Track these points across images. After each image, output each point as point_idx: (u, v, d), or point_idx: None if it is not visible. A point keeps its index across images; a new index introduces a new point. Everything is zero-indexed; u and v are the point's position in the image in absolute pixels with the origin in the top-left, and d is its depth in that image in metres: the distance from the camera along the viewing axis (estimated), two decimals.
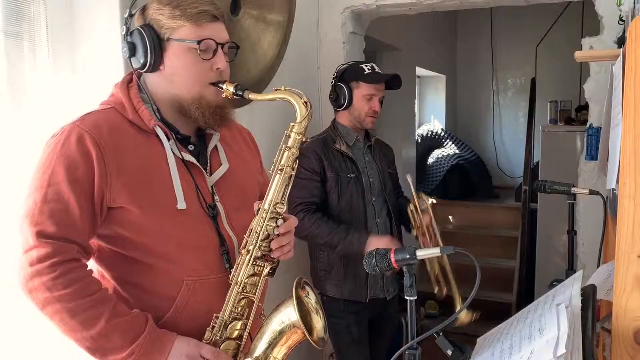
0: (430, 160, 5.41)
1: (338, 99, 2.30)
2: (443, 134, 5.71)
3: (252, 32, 2.21)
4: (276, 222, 1.32)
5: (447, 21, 5.89)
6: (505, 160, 6.10)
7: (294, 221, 1.37)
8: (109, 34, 1.69)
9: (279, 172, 1.33)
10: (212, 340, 1.30)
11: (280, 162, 1.33)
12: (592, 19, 2.61)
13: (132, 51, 1.30)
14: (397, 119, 4.43)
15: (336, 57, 2.87)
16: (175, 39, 1.28)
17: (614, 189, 1.42)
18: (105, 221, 1.25)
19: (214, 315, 1.30)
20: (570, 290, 1.03)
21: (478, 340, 1.18)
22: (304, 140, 1.33)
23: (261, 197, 1.38)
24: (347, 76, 2.28)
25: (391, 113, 4.26)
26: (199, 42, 1.28)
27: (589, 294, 1.03)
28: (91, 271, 1.25)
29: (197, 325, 1.30)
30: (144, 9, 1.32)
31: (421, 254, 1.12)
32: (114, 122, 1.28)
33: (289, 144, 1.33)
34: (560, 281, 1.36)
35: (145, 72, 1.32)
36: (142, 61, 1.30)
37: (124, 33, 1.33)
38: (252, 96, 1.32)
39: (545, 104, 4.70)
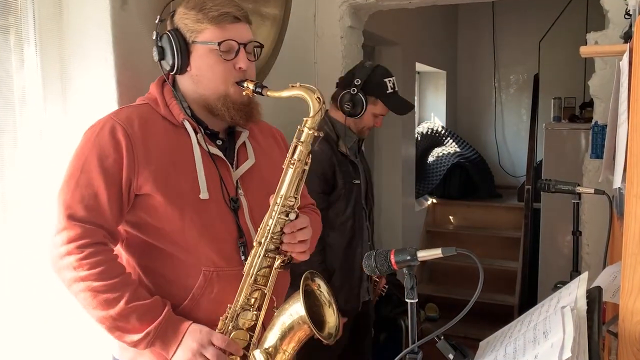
0: (430, 159, 5.41)
1: (355, 109, 2.23)
2: (443, 131, 5.71)
3: None
4: (287, 215, 1.39)
5: (448, 15, 5.89)
6: (507, 159, 6.11)
7: (300, 222, 1.41)
8: (98, 27, 1.68)
9: (291, 166, 1.39)
10: (225, 329, 1.38)
11: (293, 156, 1.39)
12: (597, 13, 2.61)
13: (161, 54, 1.44)
14: (395, 116, 4.41)
15: (333, 52, 2.87)
16: (199, 41, 1.40)
17: (620, 188, 1.42)
18: (132, 208, 1.37)
19: (227, 305, 1.38)
20: (575, 292, 1.03)
21: (480, 343, 1.18)
22: (316, 134, 1.39)
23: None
24: (369, 88, 2.23)
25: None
26: (220, 43, 1.38)
27: (594, 296, 1.04)
28: (116, 255, 1.37)
29: (212, 315, 1.39)
30: (172, 15, 1.45)
31: (422, 254, 1.12)
32: (146, 115, 1.41)
33: (302, 139, 1.39)
34: (564, 283, 1.37)
35: (174, 74, 1.44)
36: (170, 63, 1.42)
37: (154, 37, 1.45)
38: (269, 93, 1.40)
39: (549, 100, 4.71)
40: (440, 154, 5.46)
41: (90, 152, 1.34)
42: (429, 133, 5.55)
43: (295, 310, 1.35)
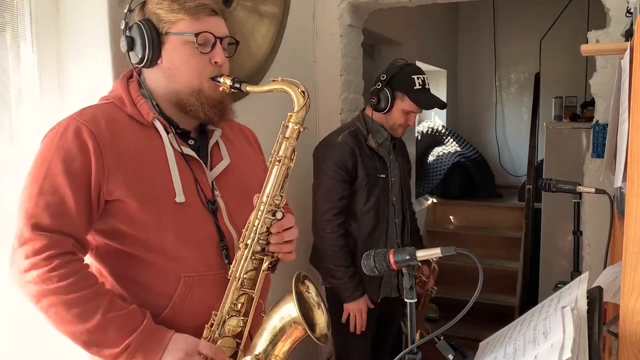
0: (431, 158, 5.41)
1: (379, 104, 2.28)
2: (443, 130, 5.71)
3: (246, 24, 2.21)
4: (274, 215, 1.34)
5: (448, 14, 5.89)
6: (507, 158, 6.11)
7: (287, 221, 1.37)
8: (95, 25, 1.68)
9: (276, 163, 1.34)
10: (210, 337, 1.31)
11: (278, 152, 1.34)
12: (599, 11, 2.61)
13: (131, 45, 1.35)
14: None
15: (333, 51, 2.87)
16: (173, 32, 1.33)
17: (620, 187, 1.42)
18: (102, 215, 1.28)
19: (213, 312, 1.32)
20: (576, 293, 1.03)
21: (480, 344, 1.18)
22: (302, 130, 1.35)
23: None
24: (395, 83, 2.26)
25: None
26: (197, 35, 1.32)
27: (595, 296, 1.04)
28: (87, 265, 1.28)
29: (195, 323, 1.32)
30: (143, 4, 1.37)
31: (421, 254, 1.12)
32: (113, 115, 1.32)
33: (287, 134, 1.34)
34: (565, 283, 1.37)
35: (143, 66, 1.36)
36: (140, 55, 1.34)
37: (122, 27, 1.38)
38: (249, 88, 1.35)
39: (550, 99, 4.71)
40: (441, 154, 5.46)
41: (53, 156, 1.24)
42: (429, 132, 5.55)
43: (287, 312, 1.31)
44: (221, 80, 1.35)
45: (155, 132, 1.34)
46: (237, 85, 1.34)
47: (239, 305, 1.33)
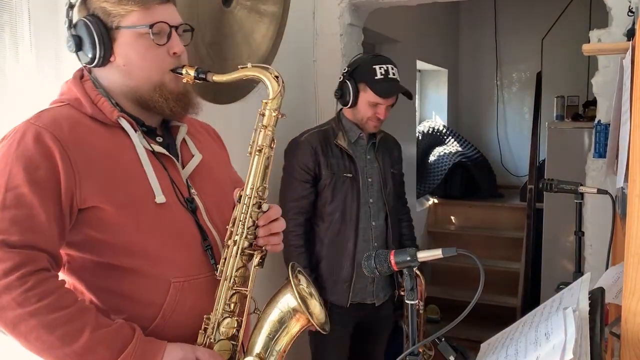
0: (431, 158, 5.42)
1: (343, 97, 2.25)
2: (444, 130, 5.72)
3: (245, 24, 2.21)
4: (260, 207, 1.30)
5: (449, 12, 5.89)
6: (509, 158, 6.11)
7: (274, 212, 1.33)
8: None
9: (257, 154, 1.29)
10: (206, 343, 1.27)
11: (257, 142, 1.30)
12: (601, 10, 2.61)
13: (79, 45, 1.26)
14: (396, 114, 4.39)
15: (333, 50, 2.87)
16: (125, 26, 1.24)
17: (622, 188, 1.42)
18: (75, 225, 1.19)
19: (205, 316, 1.27)
20: (578, 294, 1.03)
21: (481, 345, 1.19)
22: (280, 116, 1.31)
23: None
24: (357, 75, 2.22)
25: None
26: (151, 27, 1.23)
27: (596, 297, 1.04)
28: (64, 281, 1.19)
29: (187, 332, 1.26)
30: None
31: (422, 255, 1.12)
32: (73, 117, 1.22)
33: (264, 122, 1.30)
34: (567, 284, 1.37)
35: (95, 66, 1.27)
36: (90, 55, 1.25)
37: (66, 26, 1.28)
38: (215, 77, 1.29)
39: (552, 99, 4.71)
40: (442, 153, 5.46)
41: (13, 165, 1.12)
42: (430, 132, 5.55)
43: (285, 303, 1.29)
44: (183, 71, 1.28)
45: (121, 132, 1.25)
46: (203, 76, 1.28)
47: (232, 306, 1.28)
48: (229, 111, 2.18)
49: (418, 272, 2.25)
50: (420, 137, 5.30)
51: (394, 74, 2.22)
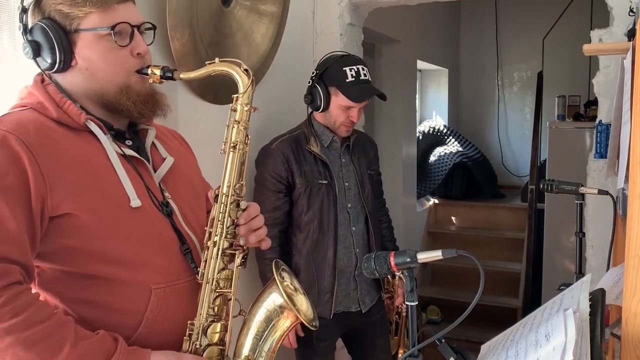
0: (432, 158, 5.42)
1: (314, 101, 2.16)
2: (445, 130, 5.72)
3: (245, 24, 2.22)
4: (238, 205, 1.28)
5: (450, 12, 5.89)
6: (510, 158, 6.12)
7: (254, 209, 1.32)
8: None
9: (231, 150, 1.27)
10: (191, 349, 1.23)
11: (231, 138, 1.28)
12: (602, 10, 2.62)
13: (36, 50, 1.21)
14: (397, 114, 4.44)
15: (333, 50, 2.86)
16: (84, 28, 1.19)
17: (623, 188, 1.43)
18: (47, 235, 1.13)
19: (189, 322, 1.24)
20: (578, 295, 1.03)
21: (482, 346, 1.19)
22: (252, 111, 1.29)
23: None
24: (327, 78, 2.13)
25: (391, 109, 4.27)
26: (113, 28, 1.20)
27: (597, 299, 1.04)
28: (38, 294, 1.15)
29: (172, 339, 1.23)
30: (38, 1, 1.21)
31: (422, 257, 1.13)
32: (38, 121, 1.17)
33: (237, 117, 1.28)
34: (568, 285, 1.37)
35: (56, 71, 1.23)
36: (49, 60, 1.20)
37: (21, 31, 1.23)
38: (182, 75, 1.28)
39: (553, 99, 4.71)
40: (442, 154, 5.46)
41: None
42: (430, 132, 5.56)
43: (271, 302, 1.27)
44: (149, 71, 1.25)
45: (89, 135, 1.21)
46: (169, 75, 1.25)
47: (216, 309, 1.26)
48: (229, 111, 2.18)
49: (401, 275, 2.26)
50: (420, 137, 5.31)
51: (365, 75, 2.14)
